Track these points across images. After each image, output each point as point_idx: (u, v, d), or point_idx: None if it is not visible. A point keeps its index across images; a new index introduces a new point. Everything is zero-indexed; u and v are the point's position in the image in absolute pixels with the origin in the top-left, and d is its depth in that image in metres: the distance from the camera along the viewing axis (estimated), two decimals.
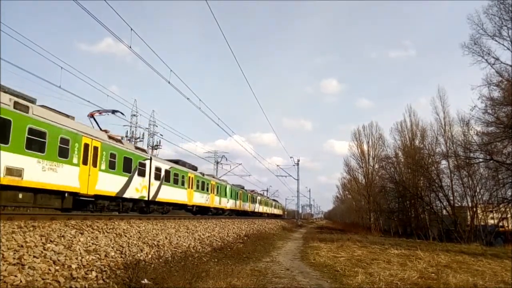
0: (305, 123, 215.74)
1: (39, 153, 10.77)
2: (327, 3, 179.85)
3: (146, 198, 17.64)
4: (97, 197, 13.94)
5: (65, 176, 11.85)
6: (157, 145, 47.84)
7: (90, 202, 13.79)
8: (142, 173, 17.09)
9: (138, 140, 46.82)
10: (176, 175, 21.13)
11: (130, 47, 12.75)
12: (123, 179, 15.46)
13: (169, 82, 15.50)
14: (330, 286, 8.11)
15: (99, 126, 16.27)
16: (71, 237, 7.72)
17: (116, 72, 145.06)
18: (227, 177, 46.19)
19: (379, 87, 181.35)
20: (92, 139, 13.41)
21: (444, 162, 32.69)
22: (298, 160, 51.69)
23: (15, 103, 10.00)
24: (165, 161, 21.24)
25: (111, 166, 14.60)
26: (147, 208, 18.52)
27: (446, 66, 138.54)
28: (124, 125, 45.86)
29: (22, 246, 6.30)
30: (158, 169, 18.96)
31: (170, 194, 20.24)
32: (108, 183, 14.27)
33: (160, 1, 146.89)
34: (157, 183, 18.78)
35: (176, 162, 22.78)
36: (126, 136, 45.92)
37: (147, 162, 17.81)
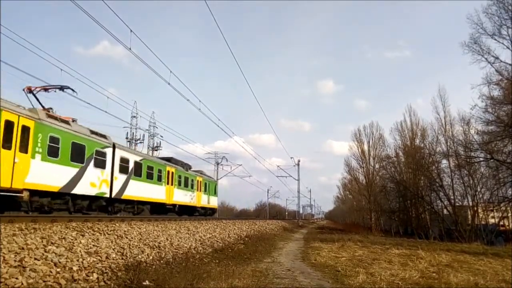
0: (303, 124, 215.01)
1: None
2: (323, 4, 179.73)
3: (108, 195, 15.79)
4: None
5: None
6: (157, 147, 47.95)
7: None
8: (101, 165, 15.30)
9: (138, 141, 46.92)
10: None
11: (130, 49, 12.78)
12: (72, 170, 13.62)
13: (169, 84, 15.53)
14: (332, 286, 8.10)
15: (41, 105, 13.89)
16: (72, 239, 7.72)
17: (114, 74, 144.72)
18: (227, 177, 45.96)
19: (376, 88, 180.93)
20: (19, 115, 11.02)
21: (444, 161, 32.84)
22: (299, 161, 51.62)
23: None
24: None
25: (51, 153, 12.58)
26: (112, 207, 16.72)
27: (445, 65, 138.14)
28: (124, 127, 45.87)
29: (23, 248, 6.30)
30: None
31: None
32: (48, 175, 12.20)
33: (159, 1, 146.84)
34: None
35: None
36: (126, 138, 45.90)
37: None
